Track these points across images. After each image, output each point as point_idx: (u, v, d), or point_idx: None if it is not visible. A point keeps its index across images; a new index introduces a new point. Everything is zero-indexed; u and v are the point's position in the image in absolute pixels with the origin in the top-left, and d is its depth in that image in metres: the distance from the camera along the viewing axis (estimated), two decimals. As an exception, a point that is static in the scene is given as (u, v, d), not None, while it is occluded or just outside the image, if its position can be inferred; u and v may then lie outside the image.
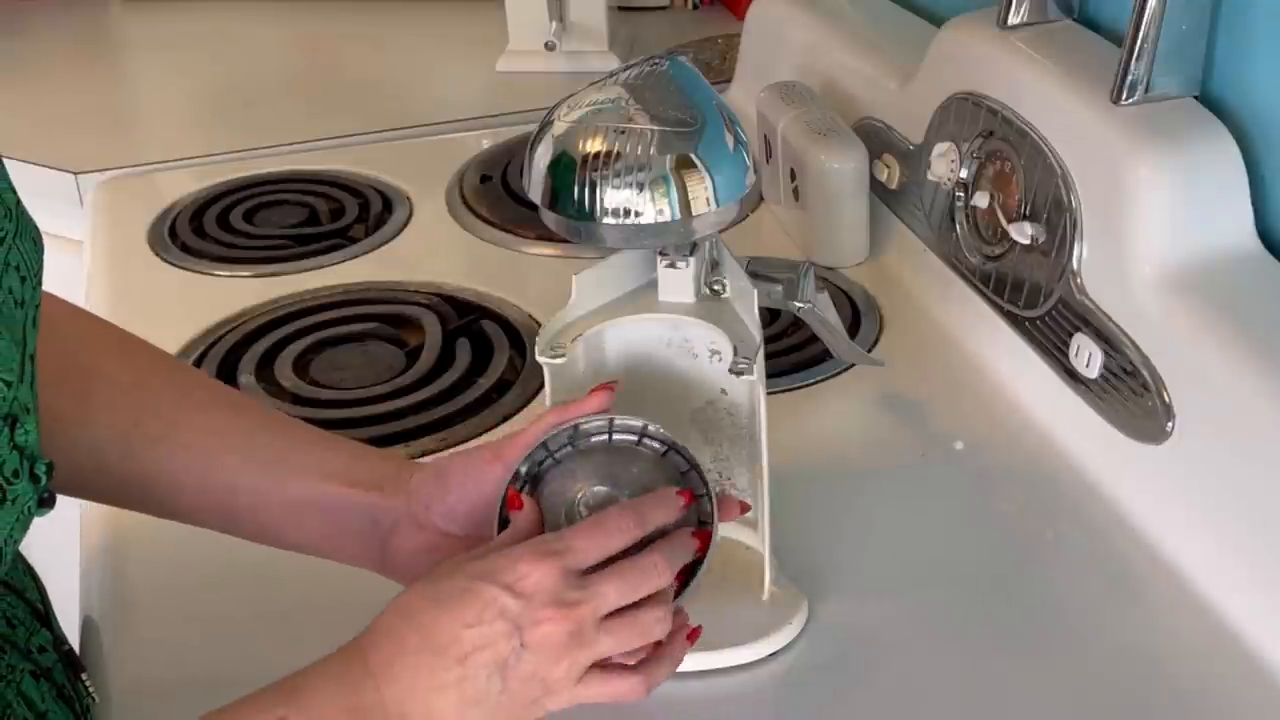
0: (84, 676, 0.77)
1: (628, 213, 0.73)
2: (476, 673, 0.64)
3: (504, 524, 0.72)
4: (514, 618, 0.64)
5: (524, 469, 0.73)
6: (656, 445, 0.73)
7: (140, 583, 0.91)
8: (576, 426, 0.73)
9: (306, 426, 0.81)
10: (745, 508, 0.78)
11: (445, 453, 0.81)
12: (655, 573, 0.68)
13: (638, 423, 0.73)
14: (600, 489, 0.72)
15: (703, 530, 0.71)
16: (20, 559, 0.78)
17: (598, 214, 0.74)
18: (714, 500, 0.72)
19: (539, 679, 0.65)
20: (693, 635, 0.71)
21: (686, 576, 0.71)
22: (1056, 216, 0.95)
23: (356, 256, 1.30)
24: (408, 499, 0.75)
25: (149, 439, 0.77)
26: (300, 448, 0.78)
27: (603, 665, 0.67)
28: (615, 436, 0.73)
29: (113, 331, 0.82)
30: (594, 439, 0.73)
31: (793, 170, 1.21)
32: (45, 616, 0.76)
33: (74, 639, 0.86)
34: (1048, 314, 0.97)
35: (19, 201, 0.66)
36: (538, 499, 0.72)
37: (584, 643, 0.66)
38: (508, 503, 0.72)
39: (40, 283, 0.67)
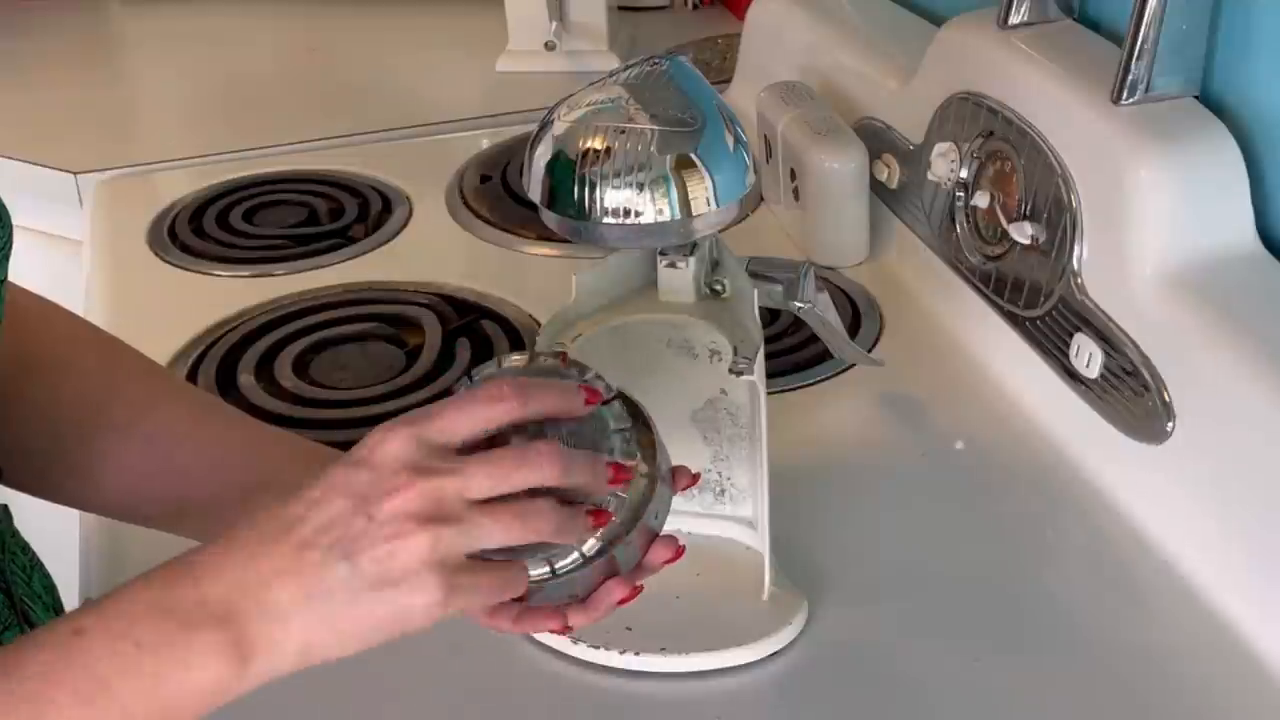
0: None
1: (628, 212, 0.73)
2: (319, 556, 0.56)
3: None
4: (360, 490, 0.57)
5: None
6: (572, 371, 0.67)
7: (141, 566, 0.91)
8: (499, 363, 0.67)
9: (275, 428, 0.81)
10: (695, 479, 0.69)
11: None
12: (538, 459, 0.58)
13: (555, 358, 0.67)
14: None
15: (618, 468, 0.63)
16: (13, 552, 0.78)
17: (597, 214, 0.74)
18: (655, 430, 0.65)
19: (395, 560, 0.56)
20: (632, 592, 0.63)
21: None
22: (1056, 216, 0.95)
23: (356, 256, 1.30)
24: None
25: (110, 426, 0.76)
26: (262, 441, 0.78)
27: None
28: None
29: (90, 329, 0.83)
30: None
31: (793, 170, 1.21)
32: (25, 612, 0.76)
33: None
34: (1048, 314, 0.97)
35: None
36: None
37: (448, 518, 0.57)
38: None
39: (6, 257, 0.66)
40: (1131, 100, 0.91)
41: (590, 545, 0.63)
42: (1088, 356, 0.92)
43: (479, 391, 0.60)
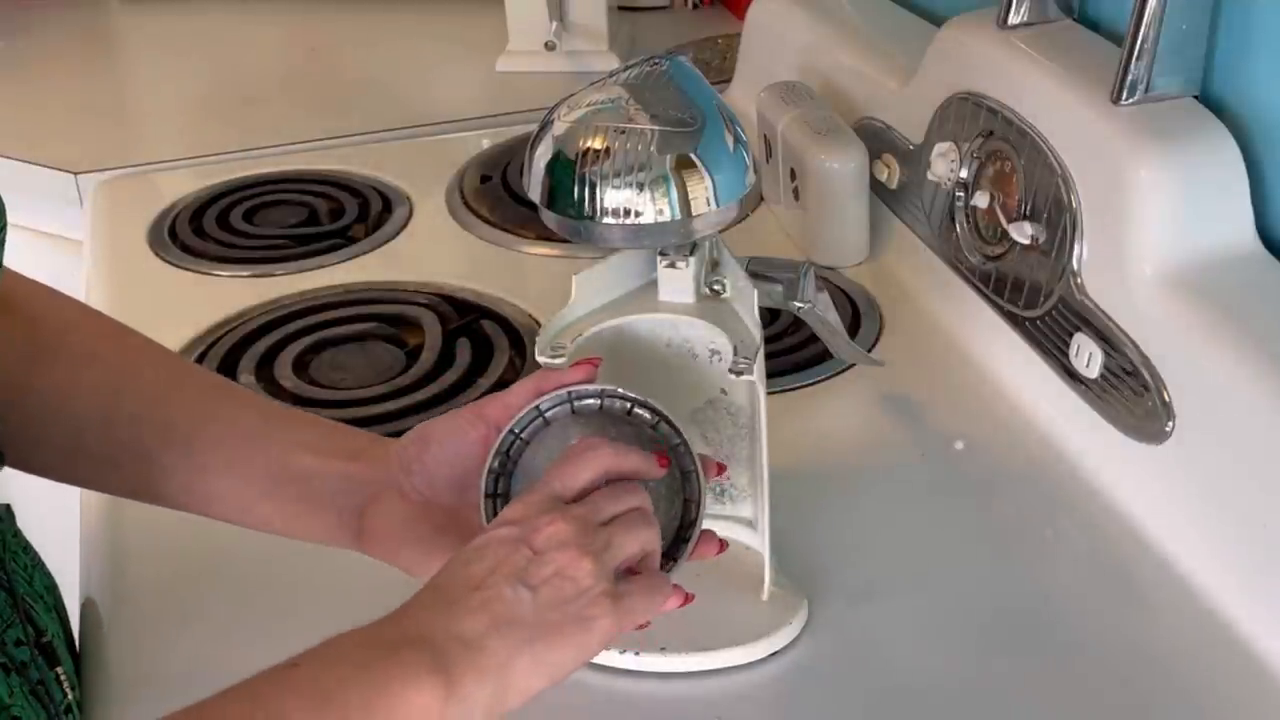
0: (58, 670, 0.77)
1: (628, 212, 0.73)
2: (498, 590, 0.62)
3: (489, 491, 0.71)
4: (511, 536, 0.64)
5: (517, 429, 0.72)
6: (648, 416, 0.73)
7: (142, 565, 0.91)
8: (570, 392, 0.73)
9: (291, 408, 0.82)
10: (722, 468, 0.79)
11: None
12: (630, 492, 0.68)
13: (630, 394, 0.73)
14: None
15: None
16: (14, 552, 0.78)
17: (597, 214, 0.74)
18: (700, 478, 0.72)
19: (569, 579, 0.63)
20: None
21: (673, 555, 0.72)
22: (1056, 216, 0.95)
23: (356, 256, 1.30)
24: (387, 465, 0.75)
25: (130, 416, 0.77)
26: (280, 424, 0.79)
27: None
28: (606, 402, 0.73)
29: (105, 320, 0.83)
30: (587, 402, 0.73)
31: (793, 170, 1.21)
32: (27, 611, 0.76)
33: (74, 622, 0.86)
34: (1048, 314, 0.97)
35: None
36: (525, 461, 0.72)
37: (595, 535, 0.65)
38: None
39: (1, 244, 0.67)
40: (1131, 100, 0.91)
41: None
42: (1087, 356, 0.92)
43: (580, 451, 0.69)
